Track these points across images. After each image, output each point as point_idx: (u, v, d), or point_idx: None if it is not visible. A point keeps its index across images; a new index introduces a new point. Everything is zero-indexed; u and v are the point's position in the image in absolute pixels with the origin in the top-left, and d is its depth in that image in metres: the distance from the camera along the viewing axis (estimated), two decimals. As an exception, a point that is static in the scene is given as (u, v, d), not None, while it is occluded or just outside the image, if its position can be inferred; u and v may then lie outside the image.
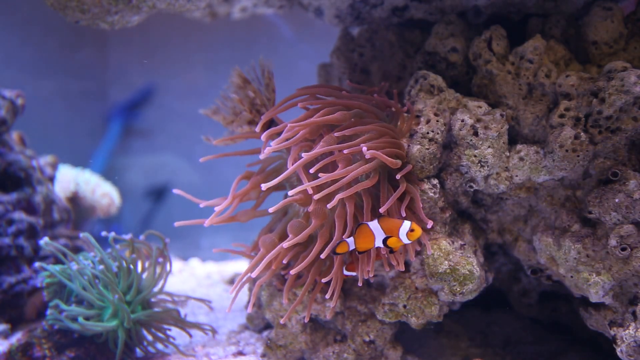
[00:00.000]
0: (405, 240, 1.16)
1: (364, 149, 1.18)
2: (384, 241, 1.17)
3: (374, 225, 1.17)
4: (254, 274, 1.30)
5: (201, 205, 1.41)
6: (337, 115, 1.27)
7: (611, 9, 1.36)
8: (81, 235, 1.55)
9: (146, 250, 1.55)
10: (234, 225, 1.45)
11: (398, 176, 1.22)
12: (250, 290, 1.63)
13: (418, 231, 1.15)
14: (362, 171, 1.21)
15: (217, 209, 1.37)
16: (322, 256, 1.22)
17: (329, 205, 1.20)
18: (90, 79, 3.23)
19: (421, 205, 1.25)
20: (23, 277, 1.71)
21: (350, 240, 1.18)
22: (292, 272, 1.27)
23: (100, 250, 1.47)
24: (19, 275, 1.71)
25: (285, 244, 1.25)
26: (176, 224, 1.42)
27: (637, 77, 1.22)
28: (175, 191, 1.44)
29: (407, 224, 1.15)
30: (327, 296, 1.27)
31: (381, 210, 1.19)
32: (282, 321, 1.34)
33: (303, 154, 1.24)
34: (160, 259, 1.55)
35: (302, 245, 1.33)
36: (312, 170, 1.22)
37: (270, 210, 1.27)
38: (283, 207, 1.48)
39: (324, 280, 1.27)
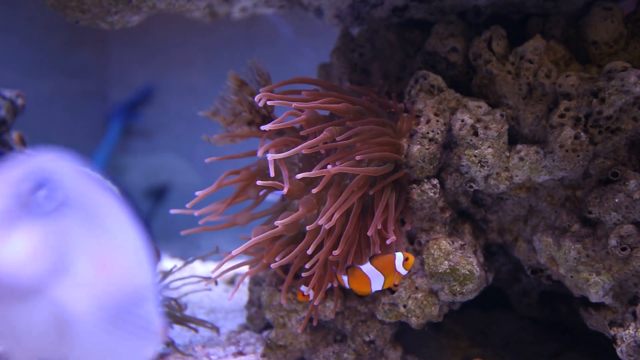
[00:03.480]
0: (403, 272, 1.16)
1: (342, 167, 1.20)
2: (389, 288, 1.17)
3: (367, 267, 1.15)
4: (234, 252, 1.30)
5: (196, 214, 1.41)
6: (341, 105, 1.26)
7: (611, 9, 1.36)
8: None
9: None
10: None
11: (387, 181, 1.23)
12: (250, 290, 1.63)
13: (411, 258, 1.16)
14: (358, 182, 1.22)
15: (211, 213, 1.40)
16: (307, 266, 1.24)
17: (336, 215, 1.20)
18: (90, 79, 3.22)
19: (410, 208, 1.26)
20: (23, 277, 1.71)
21: (345, 279, 1.17)
22: (273, 266, 1.27)
23: None
24: (19, 275, 1.70)
25: (274, 229, 1.27)
26: (182, 232, 1.42)
27: (637, 77, 1.22)
28: (173, 211, 1.42)
29: (399, 256, 1.15)
30: (318, 296, 1.27)
31: (368, 233, 1.19)
32: (299, 330, 1.35)
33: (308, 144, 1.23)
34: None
35: (296, 243, 1.33)
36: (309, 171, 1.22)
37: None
38: (282, 205, 1.48)
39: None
